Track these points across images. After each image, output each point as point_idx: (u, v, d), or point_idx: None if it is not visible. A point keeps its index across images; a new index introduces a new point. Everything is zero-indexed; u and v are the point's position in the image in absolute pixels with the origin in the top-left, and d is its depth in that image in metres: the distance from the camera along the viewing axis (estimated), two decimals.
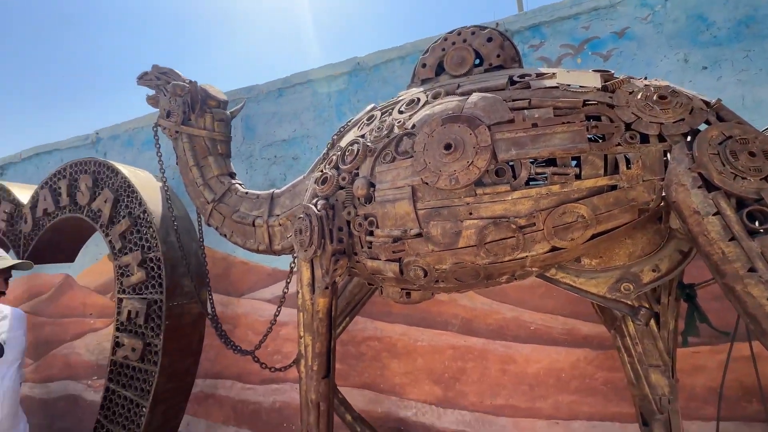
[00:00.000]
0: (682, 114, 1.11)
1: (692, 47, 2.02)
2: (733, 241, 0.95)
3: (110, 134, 3.56)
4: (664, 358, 1.44)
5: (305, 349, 1.62)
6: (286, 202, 2.00)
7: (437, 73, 1.63)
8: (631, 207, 1.15)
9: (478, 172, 1.22)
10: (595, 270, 1.35)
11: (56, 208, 2.62)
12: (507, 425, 2.19)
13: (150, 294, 2.26)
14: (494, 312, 2.27)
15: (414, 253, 1.38)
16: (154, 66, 2.42)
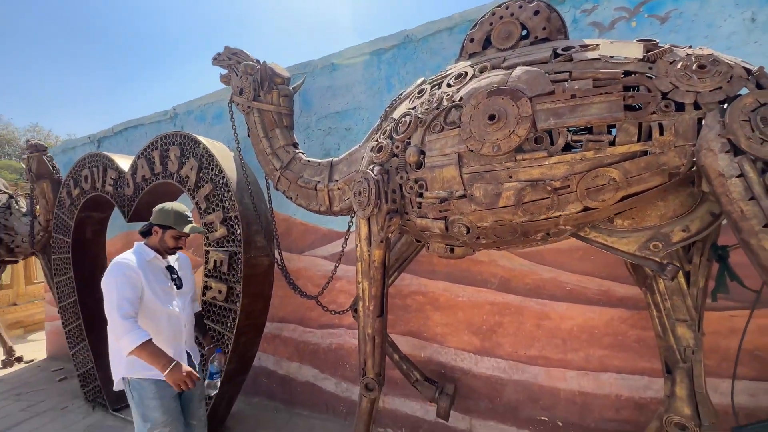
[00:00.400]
0: (720, 83, 1.18)
1: (762, 4, 1.91)
2: (752, 201, 1.05)
3: (185, 110, 4.02)
4: (692, 313, 1.56)
5: (363, 293, 1.92)
6: (344, 168, 2.26)
7: (484, 46, 1.75)
8: (662, 171, 1.25)
9: (518, 140, 1.38)
10: (626, 230, 1.48)
11: (152, 175, 3.11)
12: (539, 373, 2.41)
13: (230, 247, 2.69)
14: (532, 272, 2.43)
15: (458, 212, 1.59)
16: (225, 47, 2.72)
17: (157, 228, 1.89)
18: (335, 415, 3.12)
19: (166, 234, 1.88)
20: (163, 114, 4.19)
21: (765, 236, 1.04)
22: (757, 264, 1.08)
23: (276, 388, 3.46)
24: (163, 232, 1.88)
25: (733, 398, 1.69)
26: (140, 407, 1.74)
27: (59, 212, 3.86)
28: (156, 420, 1.73)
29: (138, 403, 1.75)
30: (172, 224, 1.87)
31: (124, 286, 1.67)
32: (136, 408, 1.76)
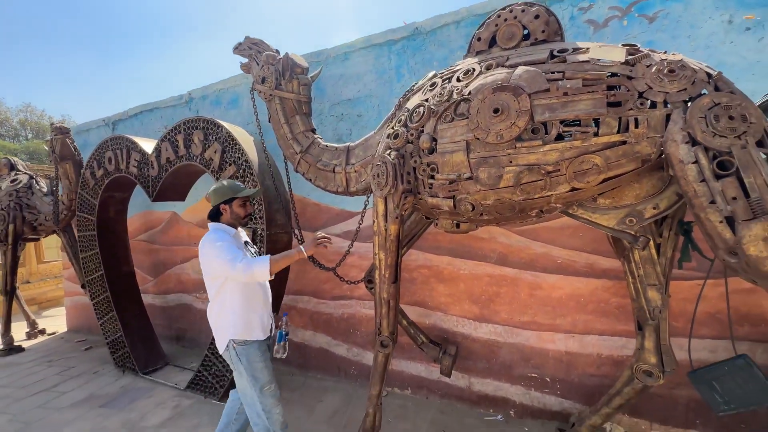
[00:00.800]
0: (685, 85, 1.43)
1: (737, 8, 2.13)
2: (703, 182, 1.32)
3: (201, 95, 4.19)
4: (660, 279, 1.85)
5: (380, 263, 2.19)
6: (360, 153, 2.50)
7: (490, 45, 1.97)
8: (636, 158, 1.51)
9: (518, 130, 1.63)
10: (607, 208, 1.75)
11: (176, 157, 3.33)
12: (531, 337, 2.73)
13: (253, 224, 2.94)
14: (527, 248, 2.72)
15: (465, 191, 1.85)
16: (246, 37, 2.91)
17: (223, 206, 2.06)
18: (347, 377, 3.46)
19: (232, 206, 2.07)
20: (179, 98, 4.36)
21: (711, 211, 1.31)
22: (706, 233, 1.36)
23: (291, 354, 3.78)
24: (229, 206, 2.06)
25: (690, 350, 2.00)
26: (249, 370, 1.94)
27: (83, 192, 4.08)
28: (264, 379, 1.97)
29: (247, 367, 1.94)
30: (233, 195, 2.06)
31: (230, 246, 1.90)
32: (244, 371, 1.95)
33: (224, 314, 1.98)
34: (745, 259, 1.27)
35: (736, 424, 2.23)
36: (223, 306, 1.98)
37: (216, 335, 2.05)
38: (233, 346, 1.97)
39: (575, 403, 2.61)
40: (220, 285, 1.96)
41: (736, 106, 1.34)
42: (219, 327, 2.02)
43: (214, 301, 2.00)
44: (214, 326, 2.05)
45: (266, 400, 1.98)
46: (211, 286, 1.99)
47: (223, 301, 1.98)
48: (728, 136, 1.32)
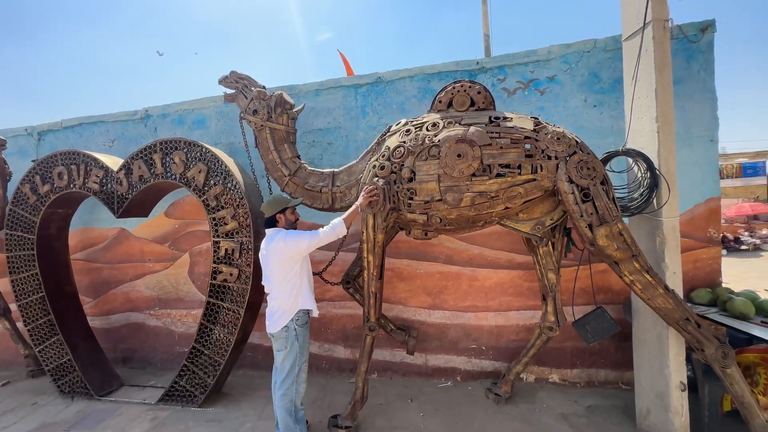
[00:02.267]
0: (566, 147, 2.43)
1: (589, 93, 3.37)
2: (576, 205, 2.31)
3: (160, 112, 4.27)
4: (555, 265, 2.86)
5: (368, 264, 2.81)
6: (345, 177, 3.11)
7: (448, 106, 2.80)
8: (541, 189, 2.47)
9: (473, 169, 2.46)
10: (524, 219, 2.69)
11: (150, 175, 3.45)
12: (471, 317, 3.62)
13: (240, 237, 3.28)
14: (467, 250, 3.62)
15: (436, 209, 2.61)
16: (232, 72, 3.30)
17: (279, 215, 2.63)
18: (319, 371, 3.92)
19: (286, 214, 2.64)
20: (132, 114, 4.35)
21: (581, 220, 2.30)
22: (578, 233, 2.35)
23: (261, 359, 4.07)
24: (283, 214, 2.64)
25: (573, 311, 3.08)
26: (303, 347, 2.53)
27: (16, 208, 3.79)
28: (306, 356, 2.59)
29: (302, 345, 2.52)
30: (286, 205, 2.64)
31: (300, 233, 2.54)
32: (299, 349, 2.50)
33: (294, 294, 2.50)
34: (597, 247, 2.28)
35: (595, 358, 3.39)
36: (293, 287, 2.50)
37: (274, 318, 2.51)
38: (295, 327, 2.47)
39: (503, 363, 3.55)
40: (297, 267, 2.51)
41: (591, 161, 2.38)
42: (283, 309, 2.49)
43: (283, 285, 2.50)
44: (278, 309, 2.50)
45: (302, 375, 2.50)
46: (280, 272, 2.49)
47: (294, 283, 2.50)
48: (587, 179, 2.34)
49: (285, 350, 2.52)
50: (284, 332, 2.51)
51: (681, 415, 2.41)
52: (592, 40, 3.34)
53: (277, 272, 2.52)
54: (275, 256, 2.50)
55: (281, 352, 2.54)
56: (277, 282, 2.52)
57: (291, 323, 2.50)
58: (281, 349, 2.54)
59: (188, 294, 4.27)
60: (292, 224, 2.67)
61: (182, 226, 4.26)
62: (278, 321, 2.51)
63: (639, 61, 2.49)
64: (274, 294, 2.55)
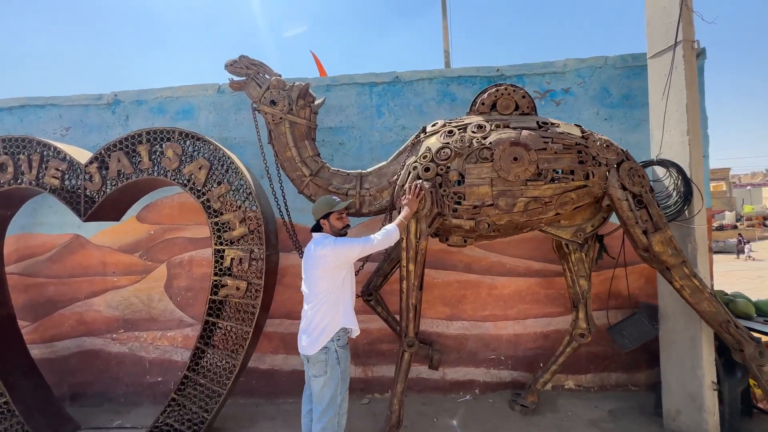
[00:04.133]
0: (614, 155, 2.47)
1: (600, 107, 3.54)
2: (631, 211, 2.34)
3: (135, 98, 3.64)
4: (588, 271, 2.89)
5: (408, 274, 2.59)
6: (374, 180, 2.87)
7: (491, 108, 2.72)
8: (592, 195, 2.47)
9: (529, 173, 2.39)
10: (565, 226, 2.68)
11: (134, 170, 2.87)
12: (490, 327, 3.53)
13: (250, 245, 2.84)
14: (485, 257, 3.55)
15: (486, 215, 2.49)
16: (243, 57, 2.91)
17: (322, 221, 2.34)
18: None
19: (330, 220, 2.32)
20: (95, 98, 3.65)
21: (636, 227, 2.34)
22: (632, 240, 2.39)
23: (255, 384, 3.58)
24: (327, 220, 2.33)
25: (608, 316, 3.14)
26: (345, 372, 2.20)
27: None
28: (347, 383, 2.23)
29: (344, 369, 2.19)
30: (330, 210, 2.32)
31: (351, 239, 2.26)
32: (339, 373, 2.16)
33: (335, 309, 2.16)
34: (652, 253, 2.33)
35: (607, 362, 3.50)
36: (336, 300, 2.16)
37: (313, 336, 2.15)
38: (336, 348, 2.12)
39: (521, 372, 3.51)
40: (342, 277, 2.19)
41: (639, 169, 2.44)
42: (323, 326, 2.14)
43: (326, 297, 2.16)
44: (318, 326, 2.15)
45: (344, 404, 2.12)
46: (324, 282, 2.16)
47: (336, 296, 2.17)
48: (638, 186, 2.39)
49: (324, 376, 2.16)
50: (324, 354, 2.16)
51: (714, 414, 2.53)
52: (603, 57, 3.53)
53: (320, 282, 2.20)
54: (321, 264, 2.19)
55: (320, 378, 2.18)
56: (320, 293, 2.20)
57: (331, 344, 2.18)
58: (320, 375, 2.18)
59: (164, 312, 3.63)
60: (338, 231, 2.34)
61: (159, 232, 3.64)
62: (317, 340, 2.17)
63: (670, 78, 2.64)
64: (314, 306, 2.21)
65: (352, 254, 2.20)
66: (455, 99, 3.58)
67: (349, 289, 2.30)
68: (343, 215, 2.37)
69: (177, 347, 3.61)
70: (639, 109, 3.49)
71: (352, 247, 2.19)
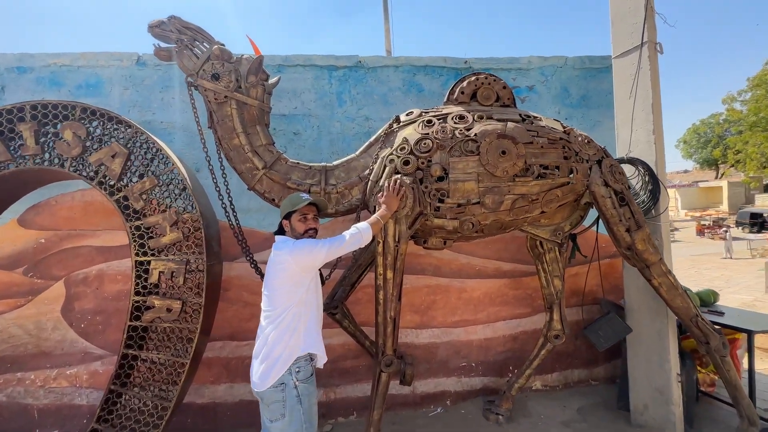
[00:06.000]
0: (595, 151, 2.40)
1: (562, 105, 3.56)
2: (615, 209, 2.28)
3: (15, 64, 2.76)
4: (561, 271, 2.82)
5: (385, 283, 2.25)
6: (342, 174, 2.48)
7: (471, 98, 2.50)
8: (575, 192, 2.37)
9: (517, 168, 2.21)
10: (544, 225, 2.57)
11: (11, 157, 2.10)
12: (460, 333, 3.34)
13: (186, 254, 2.26)
14: (455, 260, 3.35)
15: (471, 214, 2.26)
16: (173, 18, 2.33)
17: (284, 221, 1.94)
18: None
19: (291, 221, 1.91)
20: None
21: (620, 225, 2.29)
22: (614, 238, 2.34)
23: (191, 422, 2.95)
24: (289, 221, 1.92)
25: (583, 314, 3.11)
26: (308, 413, 1.73)
27: None
28: (315, 424, 1.77)
29: (307, 409, 1.72)
30: (291, 209, 1.89)
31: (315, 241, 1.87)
32: (303, 414, 1.71)
33: (294, 328, 1.72)
34: (635, 251, 2.29)
35: (570, 360, 3.53)
36: (295, 318, 1.72)
37: (265, 365, 1.70)
38: (295, 383, 1.67)
39: (492, 378, 3.38)
40: (305, 288, 1.76)
41: (618, 166, 2.40)
42: (278, 352, 1.69)
43: (284, 314, 1.72)
44: (272, 352, 1.70)
45: None
46: (283, 295, 1.73)
47: (296, 312, 1.73)
48: (620, 183, 2.34)
49: (281, 420, 1.69)
50: (280, 392, 1.69)
51: (679, 405, 2.60)
52: (564, 57, 3.55)
53: (278, 294, 1.76)
54: (280, 272, 1.78)
55: (277, 424, 1.70)
56: (277, 307, 1.75)
57: (289, 377, 1.70)
58: (276, 419, 1.70)
59: (61, 344, 2.80)
60: (299, 236, 1.90)
61: (53, 240, 2.80)
62: (270, 372, 1.69)
63: (637, 78, 2.68)
64: (270, 325, 1.74)
65: (317, 257, 1.78)
66: (422, 90, 3.33)
67: (314, 303, 1.85)
68: (307, 216, 1.91)
69: (81, 388, 2.81)
70: (595, 110, 3.58)
71: (316, 248, 1.78)
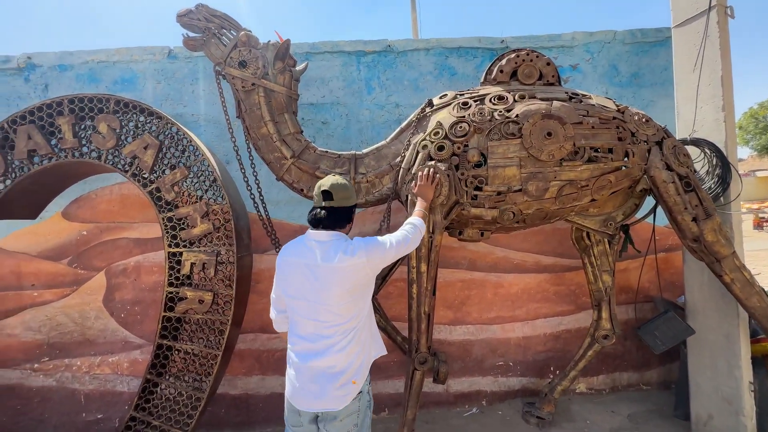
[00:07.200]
0: (655, 131, 2.14)
1: (609, 85, 3.25)
2: (679, 195, 2.02)
3: (56, 62, 2.85)
4: (612, 266, 2.57)
5: (419, 276, 2.13)
6: (372, 162, 2.36)
7: (510, 77, 2.30)
8: (630, 178, 2.13)
9: (565, 152, 2.00)
10: (593, 215, 2.33)
11: (52, 151, 2.15)
12: (497, 330, 3.16)
13: (216, 246, 2.24)
14: (491, 253, 3.16)
15: (512, 202, 2.07)
16: (200, 6, 2.29)
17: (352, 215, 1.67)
18: None
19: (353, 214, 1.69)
20: (2, 60, 2.83)
21: (685, 213, 2.03)
22: (679, 228, 2.07)
23: (225, 414, 2.96)
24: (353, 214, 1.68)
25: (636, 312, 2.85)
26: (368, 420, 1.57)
27: None
28: None
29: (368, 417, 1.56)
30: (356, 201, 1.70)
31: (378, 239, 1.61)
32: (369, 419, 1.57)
33: (367, 337, 1.57)
34: (704, 243, 2.02)
35: (618, 362, 3.25)
36: (366, 326, 1.57)
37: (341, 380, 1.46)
38: (368, 389, 1.56)
39: (531, 378, 3.17)
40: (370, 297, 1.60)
41: (682, 147, 2.13)
42: (357, 365, 1.50)
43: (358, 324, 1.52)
44: (350, 367, 1.47)
45: None
46: (353, 306, 1.50)
47: (371, 321, 1.61)
48: (685, 166, 2.07)
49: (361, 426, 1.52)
50: (357, 401, 1.49)
51: (752, 417, 2.31)
52: (612, 31, 3.24)
53: (349, 304, 1.49)
54: (353, 278, 1.47)
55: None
56: (350, 320, 1.49)
57: (366, 385, 1.54)
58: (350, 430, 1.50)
59: (103, 333, 2.90)
60: None
61: (94, 233, 2.89)
62: (350, 386, 1.46)
63: (703, 48, 2.36)
64: (343, 340, 1.47)
65: (387, 258, 1.55)
66: (455, 73, 3.14)
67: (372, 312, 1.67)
68: None
69: (122, 375, 2.90)
70: (648, 88, 3.25)
71: (386, 247, 1.53)
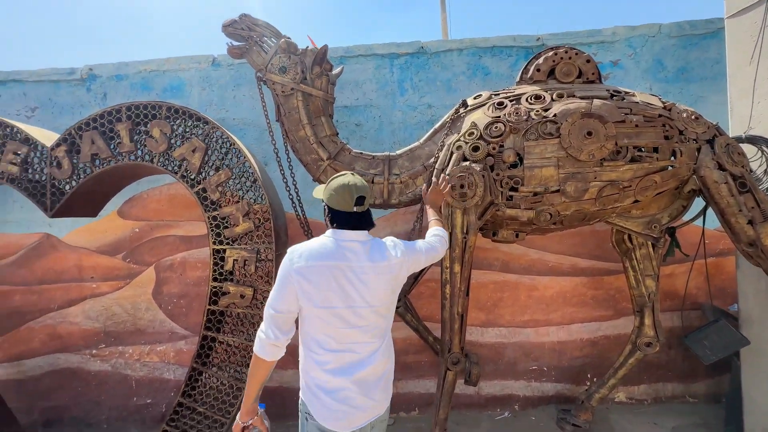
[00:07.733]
0: (705, 129, 2.03)
1: (654, 81, 3.10)
2: (733, 197, 1.91)
3: (114, 73, 3.10)
4: (656, 270, 2.46)
5: (452, 276, 2.14)
6: (405, 164, 2.39)
7: (548, 76, 2.26)
8: (677, 178, 2.03)
9: (606, 151, 1.94)
10: (636, 217, 2.24)
11: (112, 154, 2.35)
12: (531, 333, 3.10)
13: (257, 243, 2.35)
14: (525, 255, 3.10)
15: (549, 203, 2.04)
16: (243, 16, 2.40)
17: None
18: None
19: None
20: (67, 72, 3.10)
21: (740, 216, 1.91)
22: (733, 232, 1.96)
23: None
24: None
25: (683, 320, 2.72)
26: None
27: None
28: None
29: None
30: None
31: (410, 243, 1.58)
32: None
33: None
34: (761, 248, 1.90)
35: (662, 372, 3.09)
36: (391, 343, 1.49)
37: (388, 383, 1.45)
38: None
39: (566, 385, 3.08)
40: None
41: (736, 145, 2.00)
42: (390, 378, 1.47)
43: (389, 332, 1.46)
44: (390, 368, 1.46)
45: None
46: (391, 310, 1.46)
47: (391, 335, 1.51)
48: (739, 166, 1.95)
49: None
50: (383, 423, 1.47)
51: None
52: (657, 25, 3.09)
53: (390, 307, 1.45)
54: (392, 279, 1.42)
55: None
56: (389, 320, 1.47)
57: None
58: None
59: (152, 323, 3.11)
60: None
61: (145, 230, 3.11)
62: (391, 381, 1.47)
63: (761, 38, 2.21)
64: (387, 345, 1.45)
65: (420, 264, 1.55)
66: (489, 73, 3.11)
67: None
68: None
69: (168, 363, 3.10)
70: (697, 83, 3.07)
71: (421, 252, 1.54)
